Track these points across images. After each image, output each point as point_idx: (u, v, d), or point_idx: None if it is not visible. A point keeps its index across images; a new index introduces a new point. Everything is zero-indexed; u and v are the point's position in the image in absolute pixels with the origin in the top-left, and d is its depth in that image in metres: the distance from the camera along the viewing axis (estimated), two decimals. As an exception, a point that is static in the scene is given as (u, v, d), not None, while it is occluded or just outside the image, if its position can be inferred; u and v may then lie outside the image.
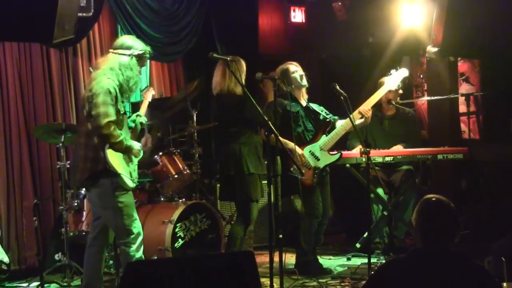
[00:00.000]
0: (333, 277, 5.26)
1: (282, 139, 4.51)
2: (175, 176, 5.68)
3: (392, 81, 5.57)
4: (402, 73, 5.60)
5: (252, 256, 3.20)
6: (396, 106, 6.15)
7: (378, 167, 5.75)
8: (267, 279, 4.45)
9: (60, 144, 5.11)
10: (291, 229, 5.44)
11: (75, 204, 5.25)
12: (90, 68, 5.80)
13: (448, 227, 2.67)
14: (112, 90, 4.17)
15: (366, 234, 5.64)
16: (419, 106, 7.27)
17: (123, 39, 4.45)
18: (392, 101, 6.09)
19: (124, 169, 4.26)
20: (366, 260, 4.98)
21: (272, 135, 4.35)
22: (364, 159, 5.03)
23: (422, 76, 7.59)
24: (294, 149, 4.99)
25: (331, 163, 5.33)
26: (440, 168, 6.70)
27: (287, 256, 5.01)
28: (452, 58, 6.84)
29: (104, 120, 4.09)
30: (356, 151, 5.55)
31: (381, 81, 5.76)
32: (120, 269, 4.62)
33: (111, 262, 5.19)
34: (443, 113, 7.23)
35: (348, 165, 5.51)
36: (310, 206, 5.31)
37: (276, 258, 4.35)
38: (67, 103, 6.20)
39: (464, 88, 7.24)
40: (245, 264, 3.14)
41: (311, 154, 5.26)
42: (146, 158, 5.49)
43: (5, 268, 5.37)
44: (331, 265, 5.67)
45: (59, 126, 5.17)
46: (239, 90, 4.87)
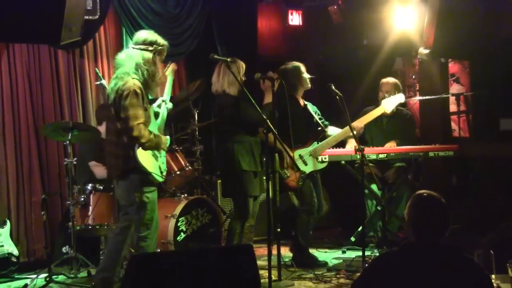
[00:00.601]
0: (328, 269, 5.34)
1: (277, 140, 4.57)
2: (178, 172, 5.73)
3: (389, 104, 5.75)
4: (399, 98, 5.78)
5: (251, 249, 3.24)
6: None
7: (372, 164, 5.74)
8: (266, 271, 4.55)
9: (67, 142, 5.09)
10: (288, 223, 5.46)
11: (82, 199, 5.26)
12: (96, 68, 5.99)
13: (439, 222, 2.70)
14: (139, 91, 4.17)
15: (360, 228, 5.69)
16: (411, 106, 7.25)
17: (144, 34, 4.38)
18: None
19: (154, 166, 4.31)
20: (360, 253, 5.08)
21: (270, 134, 4.45)
22: (358, 156, 5.07)
23: (414, 76, 7.58)
24: (287, 151, 4.92)
25: (317, 170, 5.43)
26: (432, 165, 6.73)
27: (285, 249, 5.14)
28: (443, 59, 6.90)
29: (134, 122, 4.13)
30: (350, 148, 5.56)
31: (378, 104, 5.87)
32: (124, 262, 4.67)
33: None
34: (435, 112, 7.22)
35: (343, 162, 5.51)
36: (306, 204, 5.43)
37: (274, 251, 4.49)
38: (74, 103, 6.25)
39: (454, 88, 7.24)
40: (244, 257, 3.18)
41: (300, 158, 5.34)
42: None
43: (14, 260, 5.43)
44: (327, 258, 5.74)
45: (66, 124, 5.16)
46: (234, 90, 4.93)
